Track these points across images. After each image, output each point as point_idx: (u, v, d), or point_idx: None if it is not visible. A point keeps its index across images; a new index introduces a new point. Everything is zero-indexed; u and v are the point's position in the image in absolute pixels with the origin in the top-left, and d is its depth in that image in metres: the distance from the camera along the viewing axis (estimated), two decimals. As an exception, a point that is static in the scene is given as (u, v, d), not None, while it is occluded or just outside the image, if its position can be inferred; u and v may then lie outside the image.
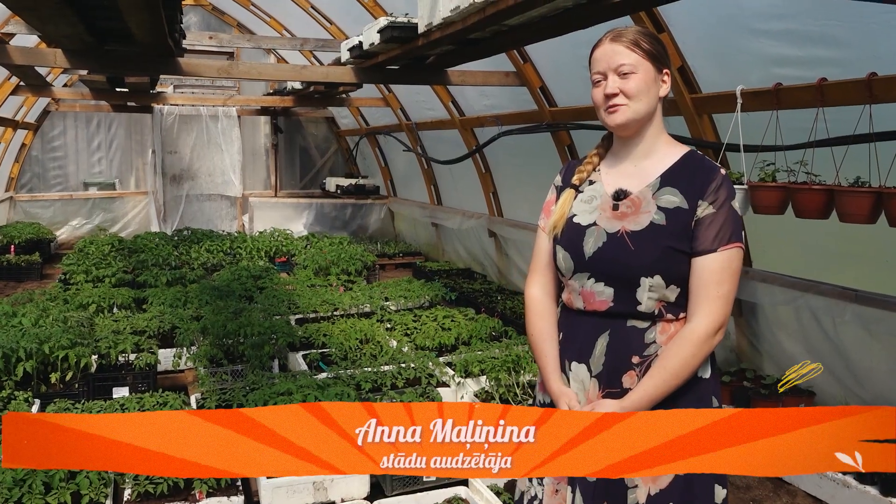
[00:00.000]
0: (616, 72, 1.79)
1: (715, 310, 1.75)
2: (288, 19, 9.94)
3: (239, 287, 6.50)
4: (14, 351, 4.24)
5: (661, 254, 1.77)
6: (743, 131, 3.78)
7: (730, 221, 1.77)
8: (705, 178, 1.80)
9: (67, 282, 7.10)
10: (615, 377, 1.82)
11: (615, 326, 1.83)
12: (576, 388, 1.89)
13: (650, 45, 1.81)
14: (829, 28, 3.41)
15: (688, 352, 1.74)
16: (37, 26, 3.90)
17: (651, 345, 1.80)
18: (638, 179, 1.86)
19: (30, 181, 10.96)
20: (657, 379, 1.75)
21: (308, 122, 12.50)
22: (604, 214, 1.86)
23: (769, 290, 4.22)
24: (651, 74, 1.81)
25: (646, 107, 1.82)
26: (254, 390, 3.96)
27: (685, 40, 4.17)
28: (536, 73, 5.75)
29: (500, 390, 4.26)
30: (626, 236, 1.80)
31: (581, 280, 1.86)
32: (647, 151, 1.88)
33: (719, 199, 1.78)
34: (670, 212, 1.79)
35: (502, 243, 7.77)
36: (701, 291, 1.76)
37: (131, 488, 3.18)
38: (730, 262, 1.76)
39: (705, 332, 1.75)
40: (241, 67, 5.62)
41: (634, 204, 1.83)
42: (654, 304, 1.80)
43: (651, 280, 1.78)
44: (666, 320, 1.81)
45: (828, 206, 3.30)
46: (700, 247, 1.76)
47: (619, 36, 1.81)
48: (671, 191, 1.81)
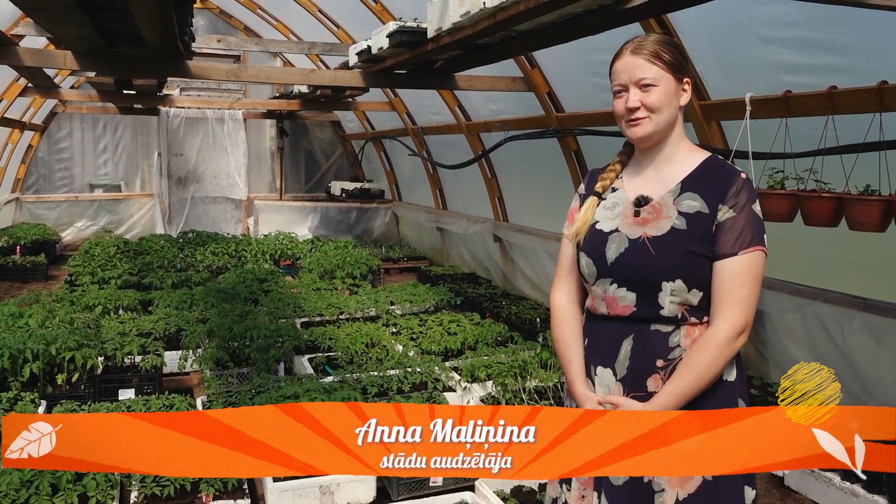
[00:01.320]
0: (637, 85, 1.82)
1: (735, 313, 1.76)
2: (295, 23, 9.97)
3: (244, 290, 6.50)
4: (21, 352, 4.24)
5: (681, 258, 1.79)
6: (752, 139, 3.77)
7: (751, 225, 1.78)
8: (726, 182, 1.81)
9: (73, 283, 7.11)
10: (640, 380, 1.84)
11: (639, 331, 1.85)
12: (601, 393, 1.91)
13: (671, 55, 1.83)
14: (839, 36, 3.41)
15: (709, 356, 1.76)
16: (48, 28, 3.91)
17: (675, 348, 1.82)
18: (659, 185, 1.89)
19: (36, 182, 10.98)
20: (680, 382, 1.77)
21: (313, 126, 12.52)
22: (626, 221, 1.89)
23: (777, 297, 4.21)
24: (672, 86, 1.83)
25: (667, 118, 1.84)
26: (259, 393, 3.97)
27: (694, 47, 4.17)
28: (544, 79, 5.75)
29: (507, 395, 4.26)
30: (648, 242, 1.83)
31: (604, 286, 1.89)
32: (668, 158, 1.90)
33: (740, 203, 1.79)
34: (691, 216, 1.81)
35: (507, 248, 7.77)
36: (722, 295, 1.78)
37: (138, 490, 3.18)
38: (750, 265, 1.77)
39: (726, 336, 1.76)
40: (249, 71, 5.63)
41: (655, 210, 1.86)
42: (677, 308, 1.81)
43: (672, 284, 1.79)
44: (690, 324, 1.82)
45: (837, 214, 3.29)
46: (721, 250, 1.78)
47: (639, 47, 1.83)
48: (692, 196, 1.83)
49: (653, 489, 1.80)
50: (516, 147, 6.68)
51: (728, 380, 1.84)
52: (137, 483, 3.21)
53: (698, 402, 1.79)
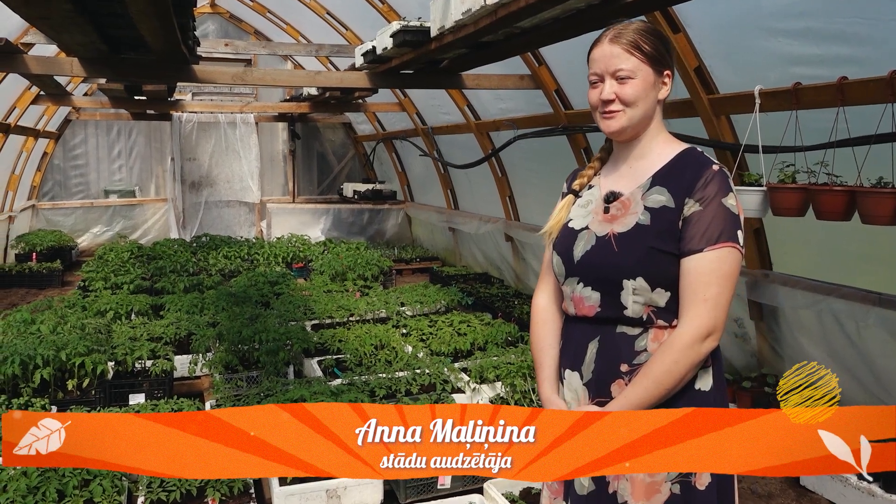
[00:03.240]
0: (613, 76, 1.73)
1: (701, 314, 1.64)
2: (304, 26, 9.99)
3: (255, 293, 6.51)
4: (32, 358, 4.27)
5: (643, 255, 1.69)
6: (762, 132, 3.71)
7: (719, 219, 1.66)
8: (695, 174, 1.70)
9: (86, 289, 7.16)
10: (604, 385, 1.75)
11: (604, 333, 1.76)
12: (570, 397, 1.83)
13: (651, 46, 1.73)
14: (850, 26, 3.34)
15: (671, 358, 1.64)
16: (51, 35, 3.93)
17: (642, 353, 1.72)
18: (631, 180, 1.81)
19: (52, 189, 11.09)
20: (638, 387, 1.67)
21: (325, 128, 12.54)
22: (596, 218, 1.81)
23: (790, 293, 4.13)
24: (650, 79, 1.74)
25: (642, 112, 1.75)
26: (268, 396, 3.96)
27: (702, 40, 4.10)
28: (552, 76, 5.70)
29: (516, 396, 4.22)
30: (613, 239, 1.75)
31: (572, 285, 1.82)
32: (644, 152, 1.81)
33: (707, 196, 1.67)
34: (656, 211, 1.71)
35: (519, 247, 7.72)
36: (688, 294, 1.67)
37: (144, 496, 3.18)
38: (719, 263, 1.65)
39: (690, 337, 1.64)
40: (255, 74, 5.63)
41: (624, 206, 1.77)
42: (642, 308, 1.72)
43: (634, 283, 1.70)
44: (658, 327, 1.72)
45: (849, 207, 3.22)
46: (686, 246, 1.67)
47: (618, 36, 1.74)
48: (660, 190, 1.74)
49: (616, 500, 1.72)
50: (526, 145, 6.64)
51: (701, 389, 1.72)
52: (144, 488, 3.21)
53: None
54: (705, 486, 1.69)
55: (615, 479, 1.72)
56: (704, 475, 1.69)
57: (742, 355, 4.71)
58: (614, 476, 1.71)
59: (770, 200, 3.54)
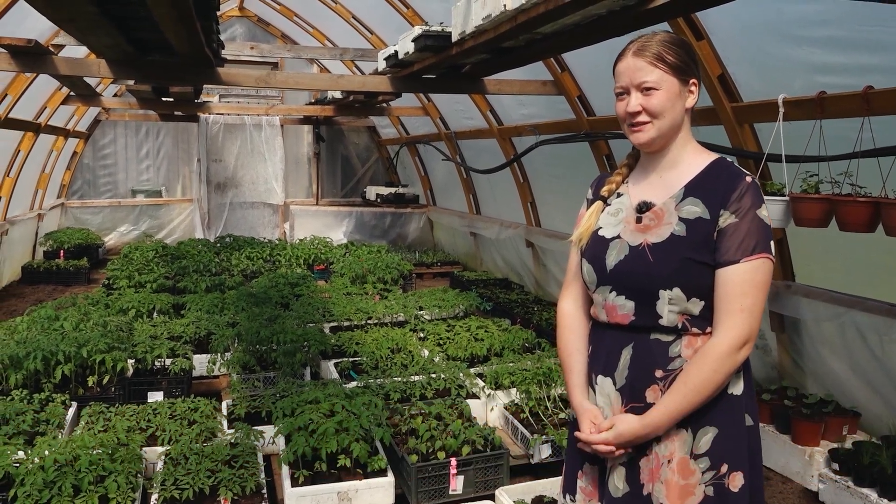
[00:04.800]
0: (638, 88, 1.76)
1: (738, 323, 1.68)
2: (330, 30, 10.06)
3: (276, 294, 6.56)
4: (53, 354, 4.34)
5: (679, 266, 1.72)
6: (785, 141, 3.66)
7: (754, 231, 1.69)
8: (729, 186, 1.73)
9: (111, 287, 7.26)
10: (639, 391, 1.78)
11: (639, 339, 1.79)
12: (602, 403, 1.85)
13: (675, 56, 1.75)
14: (875, 34, 3.28)
15: (709, 367, 1.68)
16: (78, 37, 4.00)
17: (676, 359, 1.75)
18: (663, 191, 1.83)
19: (80, 188, 11.29)
20: (678, 395, 1.71)
21: (350, 132, 12.61)
22: (628, 227, 1.83)
23: (813, 305, 4.06)
24: (675, 89, 1.76)
25: (670, 122, 1.77)
26: (283, 398, 3.97)
27: (725, 48, 4.06)
28: (574, 82, 5.68)
29: (531, 403, 4.19)
30: (648, 249, 1.77)
31: (604, 293, 1.84)
32: (673, 162, 1.84)
33: (742, 208, 1.70)
34: (691, 222, 1.74)
35: (540, 253, 7.69)
36: (724, 305, 1.70)
37: (158, 493, 3.20)
38: (754, 273, 1.69)
39: (727, 347, 1.68)
40: (278, 77, 5.68)
41: (657, 216, 1.79)
42: (677, 317, 1.74)
43: (670, 293, 1.73)
44: (692, 334, 1.75)
45: (874, 219, 3.17)
46: (723, 258, 1.70)
47: (642, 49, 1.77)
48: (693, 201, 1.76)
49: (651, 502, 1.74)
50: (548, 151, 6.62)
51: (734, 393, 1.76)
52: (158, 485, 3.24)
53: (701, 417, 1.72)
54: (738, 489, 1.72)
55: (649, 481, 1.74)
56: (738, 478, 1.72)
57: (763, 367, 4.64)
58: (649, 478, 1.74)
59: (793, 210, 3.49)
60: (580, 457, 1.90)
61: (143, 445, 3.67)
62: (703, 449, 1.71)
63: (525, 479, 3.67)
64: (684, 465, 1.71)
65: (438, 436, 3.63)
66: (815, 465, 3.69)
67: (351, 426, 3.44)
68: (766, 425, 3.97)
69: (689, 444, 1.72)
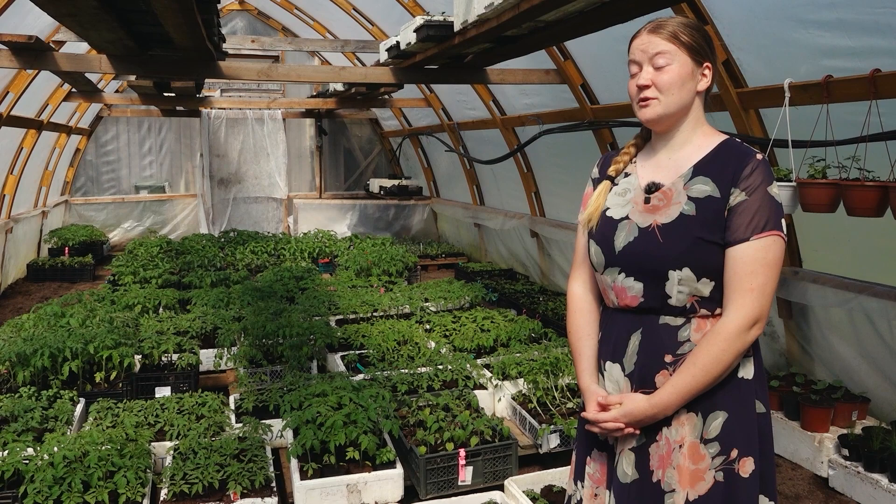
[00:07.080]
0: (651, 63, 1.74)
1: (748, 303, 1.66)
2: (331, 22, 10.02)
3: (281, 288, 6.55)
4: (61, 350, 4.34)
5: (689, 245, 1.69)
6: (791, 126, 3.63)
7: (765, 208, 1.67)
8: (738, 164, 1.71)
9: (116, 283, 7.27)
10: (648, 376, 1.76)
11: (647, 323, 1.77)
12: (611, 389, 1.84)
13: (690, 37, 1.74)
14: (883, 16, 3.24)
15: (718, 347, 1.66)
16: (79, 33, 3.98)
17: (685, 343, 1.73)
18: (671, 171, 1.80)
19: (84, 185, 11.29)
20: (686, 375, 1.68)
21: (352, 124, 12.58)
22: (636, 208, 1.81)
23: (821, 291, 4.04)
24: (688, 68, 1.74)
25: (678, 101, 1.75)
26: (290, 391, 3.97)
27: (730, 33, 4.02)
28: (577, 71, 5.64)
29: (538, 393, 4.18)
30: (657, 230, 1.74)
31: (612, 275, 1.82)
32: (683, 143, 1.82)
33: (753, 185, 1.68)
34: (701, 201, 1.72)
35: (544, 244, 7.67)
36: (734, 283, 1.67)
37: (167, 488, 3.21)
38: (765, 251, 1.66)
39: (737, 326, 1.66)
40: (280, 70, 5.65)
41: (666, 196, 1.77)
42: (686, 298, 1.72)
43: (679, 273, 1.70)
44: (701, 316, 1.73)
45: (882, 203, 3.14)
46: (732, 236, 1.67)
47: (658, 27, 1.75)
48: (703, 179, 1.74)
49: (662, 489, 1.72)
50: (551, 141, 6.59)
51: (744, 377, 1.74)
52: (167, 480, 3.24)
53: (710, 401, 1.70)
54: (749, 474, 1.71)
55: (659, 467, 1.73)
56: (748, 463, 1.71)
57: (770, 354, 4.62)
58: (658, 464, 1.73)
59: (800, 196, 3.47)
60: (589, 442, 1.89)
61: (151, 440, 3.67)
62: (713, 434, 1.70)
63: (534, 469, 3.67)
64: (695, 450, 1.70)
65: (446, 427, 3.63)
66: (824, 451, 3.68)
67: (359, 419, 3.44)
68: (776, 412, 3.96)
69: (699, 429, 1.71)
